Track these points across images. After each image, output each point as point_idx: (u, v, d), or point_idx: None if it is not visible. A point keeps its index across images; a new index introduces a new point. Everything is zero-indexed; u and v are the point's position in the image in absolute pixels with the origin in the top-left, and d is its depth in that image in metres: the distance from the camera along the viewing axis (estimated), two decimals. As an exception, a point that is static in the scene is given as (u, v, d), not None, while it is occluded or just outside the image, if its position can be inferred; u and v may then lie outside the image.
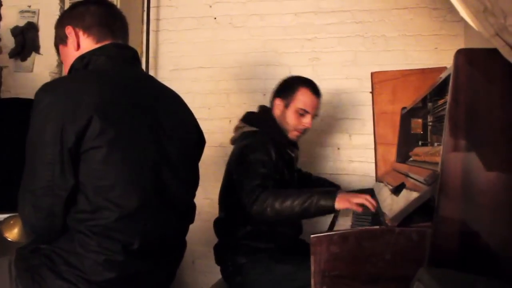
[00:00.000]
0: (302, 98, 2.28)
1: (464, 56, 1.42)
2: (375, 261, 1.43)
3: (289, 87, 2.33)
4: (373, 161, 3.00)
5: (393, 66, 2.99)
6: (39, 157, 1.33)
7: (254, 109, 3.14)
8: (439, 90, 1.89)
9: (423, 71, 2.91)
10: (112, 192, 1.35)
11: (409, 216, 1.51)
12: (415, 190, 1.65)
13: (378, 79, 3.02)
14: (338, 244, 1.45)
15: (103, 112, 1.33)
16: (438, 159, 1.50)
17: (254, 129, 2.28)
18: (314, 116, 2.35)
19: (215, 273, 2.59)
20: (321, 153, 3.10)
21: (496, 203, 1.40)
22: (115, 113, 1.37)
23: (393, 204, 1.74)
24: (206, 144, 1.77)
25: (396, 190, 1.88)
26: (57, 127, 1.30)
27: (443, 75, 1.73)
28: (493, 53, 1.35)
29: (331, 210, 1.93)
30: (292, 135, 2.33)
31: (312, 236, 1.49)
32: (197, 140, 1.67)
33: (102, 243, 1.35)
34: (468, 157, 1.40)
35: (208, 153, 1.88)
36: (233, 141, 2.38)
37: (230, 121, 3.16)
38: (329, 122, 3.09)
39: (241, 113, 3.17)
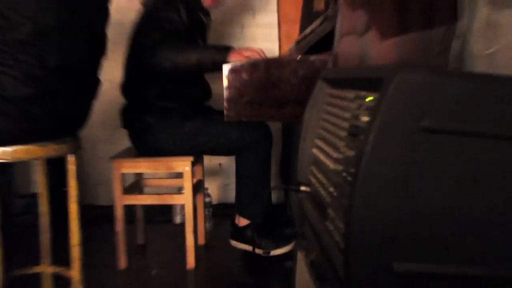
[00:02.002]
0: None
1: None
2: (282, 86, 1.69)
3: None
4: (277, 39, 3.25)
5: None
6: None
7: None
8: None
9: None
10: (26, 7, 1.46)
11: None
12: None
13: (282, -45, 3.22)
14: (249, 72, 1.68)
15: None
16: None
17: None
18: None
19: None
20: (225, 31, 3.28)
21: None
22: None
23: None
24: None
25: (299, 43, 2.13)
26: None
27: None
28: None
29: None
30: (206, 2, 2.50)
31: (224, 65, 1.70)
32: None
33: (18, 58, 1.47)
34: (363, 5, 1.67)
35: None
36: (143, 1, 2.48)
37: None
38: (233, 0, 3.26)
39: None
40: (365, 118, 0.97)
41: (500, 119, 0.82)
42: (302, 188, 1.34)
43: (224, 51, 2.14)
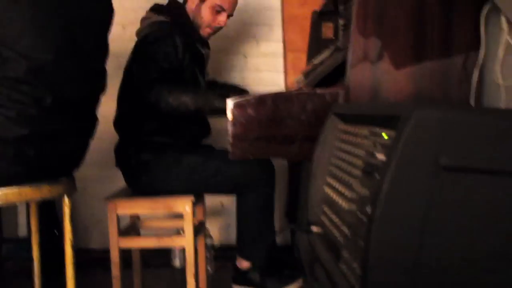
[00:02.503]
0: None
1: None
2: (291, 122, 1.74)
3: None
4: (282, 69, 3.33)
5: (304, -33, 3.30)
6: None
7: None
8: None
9: (334, -28, 3.25)
10: (20, 43, 1.52)
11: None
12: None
13: (287, -19, 3.33)
14: (255, 107, 1.74)
15: None
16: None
17: (162, 19, 2.48)
18: (230, 15, 2.60)
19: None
20: (227, 61, 3.36)
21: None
22: None
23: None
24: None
25: (307, 75, 2.20)
26: None
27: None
28: None
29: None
30: (204, 32, 2.57)
31: (228, 100, 1.76)
32: (107, 6, 1.87)
33: (12, 96, 1.53)
34: (376, 34, 1.74)
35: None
36: (138, 32, 2.56)
37: (124, 27, 3.31)
38: (234, 27, 3.33)
39: (136, 17, 3.33)
40: (380, 156, 1.01)
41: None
42: (314, 228, 1.38)
43: (222, 99, 2.20)
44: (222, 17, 2.55)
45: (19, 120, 1.54)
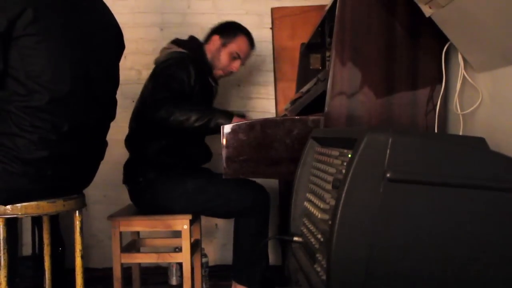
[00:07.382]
0: (240, 43, 2.92)
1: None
2: (277, 145, 1.98)
3: (231, 29, 2.94)
4: (273, 97, 3.58)
5: (293, 2, 3.58)
6: None
7: (151, 44, 3.58)
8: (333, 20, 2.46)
9: (322, 7, 3.51)
10: (43, 77, 1.77)
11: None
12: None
13: (278, 15, 3.60)
14: (246, 132, 1.99)
15: (36, 2, 1.74)
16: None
17: (182, 50, 2.78)
18: (242, 63, 2.98)
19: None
20: (221, 90, 3.60)
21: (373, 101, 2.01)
22: (47, 7, 1.78)
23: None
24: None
25: (294, 103, 2.45)
26: None
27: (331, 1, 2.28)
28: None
29: None
30: (217, 73, 2.92)
31: (222, 127, 2.01)
32: (119, 40, 2.13)
33: (35, 123, 1.77)
34: (352, 69, 2.00)
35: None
36: (157, 61, 2.84)
37: (125, 57, 3.57)
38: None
39: (137, 48, 3.60)
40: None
41: (448, 170, 1.11)
42: (295, 238, 1.61)
43: (228, 117, 2.48)
44: (236, 64, 2.92)
45: (40, 143, 1.79)
